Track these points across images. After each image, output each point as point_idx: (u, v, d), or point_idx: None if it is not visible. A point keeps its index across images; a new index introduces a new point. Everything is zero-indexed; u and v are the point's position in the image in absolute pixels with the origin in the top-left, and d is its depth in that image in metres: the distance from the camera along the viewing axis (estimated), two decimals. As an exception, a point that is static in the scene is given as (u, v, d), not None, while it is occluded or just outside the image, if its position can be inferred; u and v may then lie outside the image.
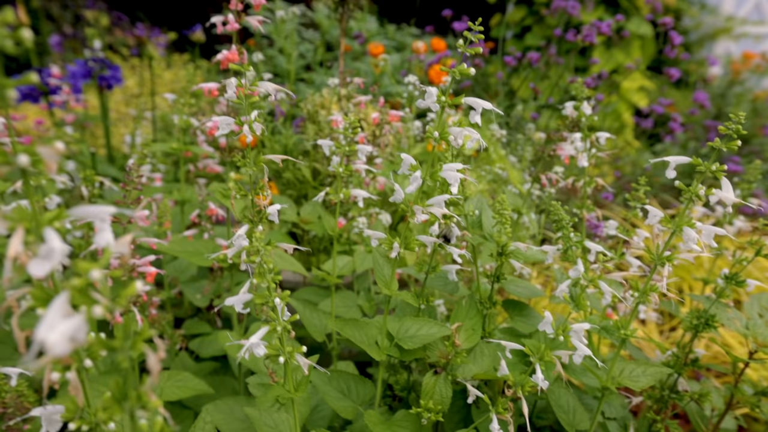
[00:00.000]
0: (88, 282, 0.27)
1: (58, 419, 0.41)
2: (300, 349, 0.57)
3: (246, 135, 0.60)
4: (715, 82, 3.91)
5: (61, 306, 0.26)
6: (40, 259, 0.29)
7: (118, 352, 0.30)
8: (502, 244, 0.79)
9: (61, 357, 0.26)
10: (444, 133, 0.61)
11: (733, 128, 0.59)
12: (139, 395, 0.30)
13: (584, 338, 0.62)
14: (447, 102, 0.61)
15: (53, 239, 0.30)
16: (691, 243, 0.61)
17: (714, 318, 0.76)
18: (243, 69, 0.59)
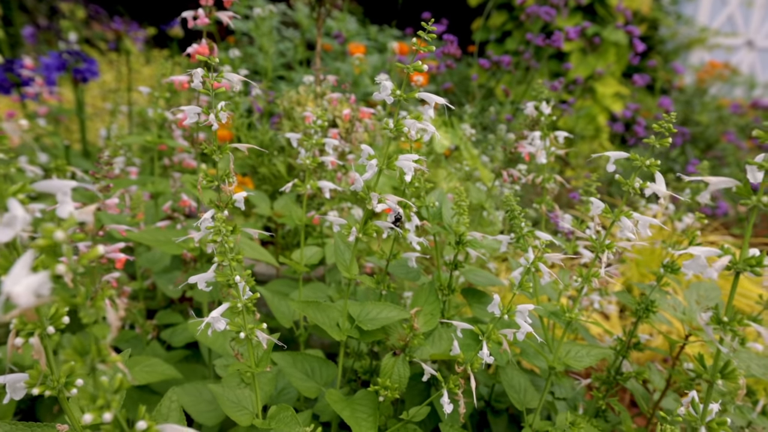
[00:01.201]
0: (53, 242, 0.30)
1: (22, 386, 0.44)
2: (260, 325, 0.60)
3: (212, 123, 0.63)
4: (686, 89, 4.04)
5: (26, 262, 0.29)
6: (2, 226, 0.32)
7: (80, 308, 0.33)
8: (460, 234, 0.84)
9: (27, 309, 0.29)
10: (399, 124, 0.66)
11: (666, 126, 0.64)
12: (99, 349, 0.33)
13: (528, 318, 0.66)
14: (402, 96, 0.65)
15: (16, 208, 0.33)
16: (627, 231, 0.66)
17: (654, 304, 0.82)
18: (210, 61, 0.63)
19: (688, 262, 0.50)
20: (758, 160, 0.47)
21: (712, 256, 0.50)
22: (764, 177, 0.48)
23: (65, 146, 1.67)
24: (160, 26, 2.33)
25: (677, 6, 5.02)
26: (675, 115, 0.64)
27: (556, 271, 1.07)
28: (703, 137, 3.23)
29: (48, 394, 0.42)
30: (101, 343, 0.33)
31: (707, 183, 0.51)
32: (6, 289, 0.28)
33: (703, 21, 5.45)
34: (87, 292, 0.33)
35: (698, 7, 5.50)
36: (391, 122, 0.66)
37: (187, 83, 0.94)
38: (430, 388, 0.93)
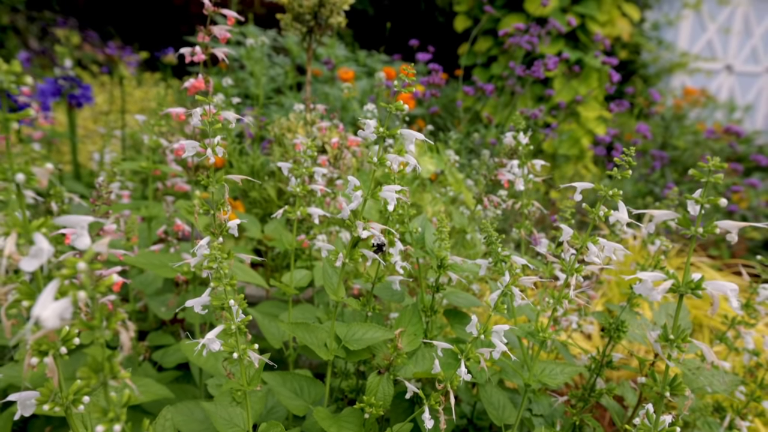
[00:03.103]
0: (75, 271, 0.35)
1: (33, 403, 0.47)
2: (252, 346, 0.64)
3: (209, 157, 0.68)
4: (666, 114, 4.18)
5: (52, 290, 0.34)
6: (30, 257, 0.37)
7: (96, 330, 0.37)
8: (441, 258, 0.89)
9: (50, 331, 0.34)
10: (381, 159, 0.71)
11: (626, 160, 0.70)
12: (111, 366, 0.37)
13: (503, 338, 0.71)
14: (384, 133, 0.70)
15: (42, 241, 0.37)
16: (593, 256, 0.72)
17: (624, 324, 0.87)
18: (208, 101, 0.68)
19: (637, 285, 0.55)
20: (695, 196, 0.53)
21: (658, 279, 0.55)
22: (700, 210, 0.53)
23: (58, 170, 1.70)
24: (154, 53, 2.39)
25: (658, 31, 5.20)
26: (651, 143, 0.70)
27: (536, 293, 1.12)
28: (681, 161, 3.34)
29: (57, 411, 0.46)
30: (113, 361, 0.38)
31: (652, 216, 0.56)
32: (35, 314, 0.33)
33: (683, 46, 5.65)
34: (101, 316, 0.37)
35: (678, 33, 5.71)
36: (375, 157, 0.71)
37: (184, 116, 0.99)
38: (413, 406, 0.97)
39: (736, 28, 6.02)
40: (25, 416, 0.47)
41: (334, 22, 1.82)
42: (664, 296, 0.90)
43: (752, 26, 6.13)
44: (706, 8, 5.73)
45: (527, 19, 4.05)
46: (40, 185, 0.37)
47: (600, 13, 4.15)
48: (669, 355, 0.58)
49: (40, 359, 0.43)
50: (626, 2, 4.45)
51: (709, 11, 5.83)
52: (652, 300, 0.53)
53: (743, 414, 0.87)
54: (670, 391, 0.59)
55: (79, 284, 0.35)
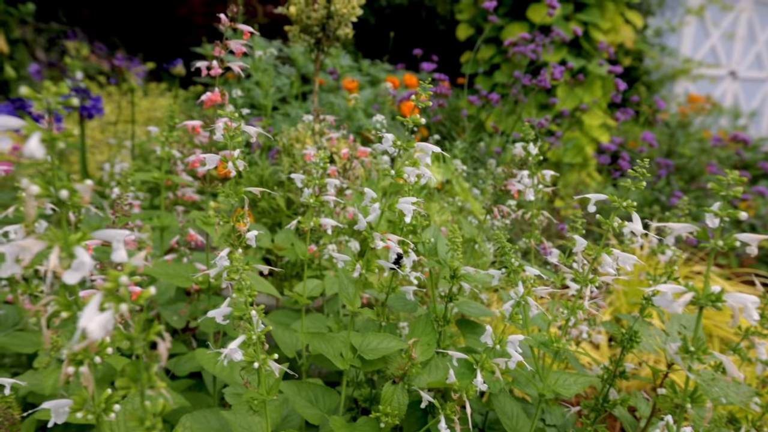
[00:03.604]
0: (118, 285, 0.36)
1: (66, 411, 0.48)
2: (272, 356, 0.65)
3: (231, 170, 0.70)
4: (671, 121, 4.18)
5: (97, 302, 0.35)
6: (72, 270, 0.38)
7: (134, 341, 0.38)
8: (454, 268, 0.90)
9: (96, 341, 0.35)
10: (399, 171, 0.72)
11: (640, 171, 0.71)
12: (149, 376, 0.39)
13: (518, 348, 0.72)
14: (402, 146, 0.72)
15: (83, 255, 0.38)
16: (608, 267, 0.73)
17: (637, 334, 0.88)
18: (230, 115, 0.69)
19: (657, 297, 0.56)
20: (714, 209, 0.54)
21: (678, 292, 0.56)
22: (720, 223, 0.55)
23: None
24: (164, 65, 2.42)
25: (661, 38, 5.21)
26: (656, 151, 0.71)
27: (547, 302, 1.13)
28: (687, 169, 3.34)
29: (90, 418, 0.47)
30: (151, 371, 0.39)
31: (672, 229, 0.58)
32: (82, 325, 0.34)
33: (686, 52, 5.65)
34: (140, 327, 0.39)
35: (681, 39, 5.72)
36: (393, 170, 0.73)
37: (200, 128, 1.01)
38: (426, 416, 0.98)
39: (740, 34, 6.03)
40: (58, 423, 0.48)
41: (341, 34, 1.85)
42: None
43: (756, 32, 6.14)
44: (709, 14, 5.75)
45: (530, 28, 4.08)
46: (82, 201, 0.38)
47: (603, 21, 4.17)
48: (689, 367, 0.58)
49: (76, 368, 0.44)
50: (629, 9, 4.48)
51: (713, 17, 5.83)
52: (671, 312, 0.54)
53: (759, 426, 0.87)
54: (691, 403, 0.60)
55: (119, 296, 0.36)
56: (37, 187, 0.38)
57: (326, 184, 1.00)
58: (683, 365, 0.59)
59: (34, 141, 0.36)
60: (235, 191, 0.72)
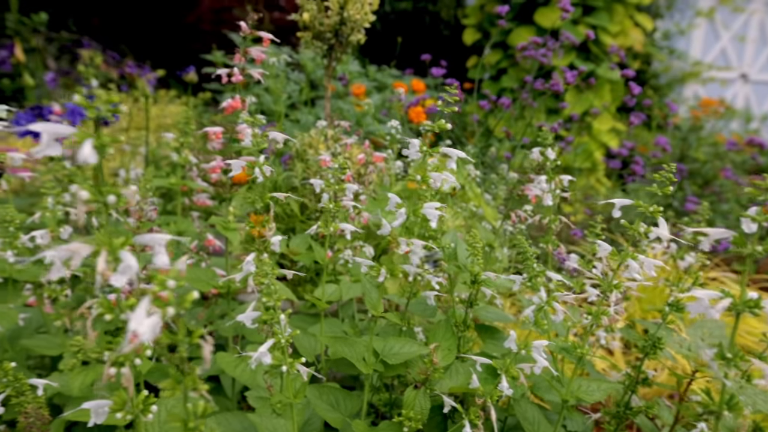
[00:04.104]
0: (165, 288, 0.36)
1: (105, 411, 0.49)
2: (300, 359, 0.66)
3: (258, 176, 0.70)
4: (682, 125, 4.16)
5: (145, 306, 0.36)
6: (119, 274, 0.39)
7: (179, 343, 0.39)
8: (475, 273, 0.90)
9: (139, 344, 0.35)
10: (425, 177, 0.73)
11: (666, 176, 0.71)
12: (193, 379, 0.39)
13: (543, 353, 0.72)
14: (428, 151, 0.72)
15: (130, 259, 0.39)
16: (634, 273, 0.73)
17: (660, 341, 0.87)
18: (256, 122, 0.70)
19: (693, 303, 0.56)
20: (751, 213, 0.54)
21: (714, 298, 0.56)
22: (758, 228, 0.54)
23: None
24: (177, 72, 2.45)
25: (670, 41, 5.19)
26: (668, 155, 0.72)
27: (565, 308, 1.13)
28: (701, 173, 3.32)
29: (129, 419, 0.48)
30: (194, 374, 0.39)
31: (707, 234, 0.58)
32: (132, 328, 0.34)
33: (696, 55, 5.61)
34: (184, 330, 0.39)
35: (691, 42, 5.67)
36: (418, 176, 0.73)
37: (220, 134, 1.02)
38: (446, 420, 0.98)
39: (751, 36, 5.98)
40: (97, 423, 0.49)
41: (354, 40, 1.86)
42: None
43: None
44: (719, 16, 5.71)
45: (537, 32, 4.08)
46: (128, 205, 0.39)
47: (612, 24, 4.16)
48: (726, 374, 0.58)
49: (118, 370, 0.45)
50: (638, 12, 4.47)
51: (723, 19, 5.79)
52: (709, 317, 0.54)
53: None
54: (728, 410, 0.59)
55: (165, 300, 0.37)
56: (86, 192, 0.39)
57: (345, 189, 1.01)
58: (718, 372, 0.59)
59: (88, 147, 0.37)
60: (261, 197, 0.73)
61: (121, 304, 0.43)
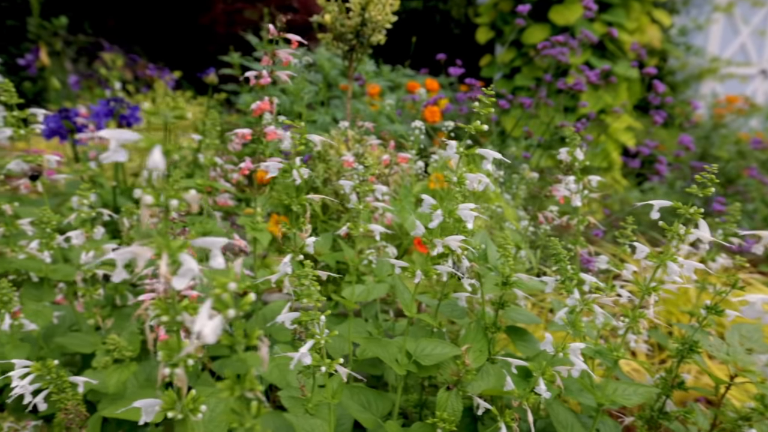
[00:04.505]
0: (226, 291, 0.37)
1: (156, 409, 0.50)
2: (338, 360, 0.66)
3: (296, 179, 0.71)
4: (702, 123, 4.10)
5: (208, 308, 0.36)
6: (179, 277, 0.39)
7: (237, 345, 0.39)
8: (506, 275, 0.90)
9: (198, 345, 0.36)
10: (461, 178, 0.73)
11: (708, 177, 0.70)
12: (250, 379, 0.40)
13: (580, 356, 0.71)
14: (464, 152, 0.72)
15: (190, 262, 0.39)
16: (674, 276, 0.72)
17: (697, 344, 0.86)
18: (296, 124, 0.70)
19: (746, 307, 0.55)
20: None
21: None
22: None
23: (112, 187, 1.76)
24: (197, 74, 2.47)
25: (686, 37, 5.11)
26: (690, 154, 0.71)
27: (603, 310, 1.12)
28: (723, 172, 3.27)
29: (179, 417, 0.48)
30: (251, 375, 0.40)
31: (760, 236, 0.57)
32: (197, 329, 0.35)
33: (713, 51, 5.50)
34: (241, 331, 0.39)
35: (708, 38, 5.57)
36: (454, 177, 0.73)
37: (249, 136, 1.03)
38: (476, 422, 0.98)
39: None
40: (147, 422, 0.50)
41: (374, 41, 1.86)
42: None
43: (790, 28, 5.95)
44: (738, 11, 5.60)
45: (552, 29, 4.05)
46: (190, 210, 0.39)
47: (629, 21, 4.11)
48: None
49: (171, 370, 0.45)
50: (656, 8, 4.41)
51: (742, 14, 5.68)
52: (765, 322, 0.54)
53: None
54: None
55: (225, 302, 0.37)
56: (150, 197, 0.40)
57: (373, 190, 1.01)
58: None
59: (158, 153, 0.38)
60: (298, 199, 0.73)
61: (175, 305, 0.44)
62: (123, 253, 0.41)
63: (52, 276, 1.05)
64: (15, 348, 0.99)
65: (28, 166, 1.07)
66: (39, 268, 1.05)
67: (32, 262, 1.06)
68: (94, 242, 1.05)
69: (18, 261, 1.07)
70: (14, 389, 0.75)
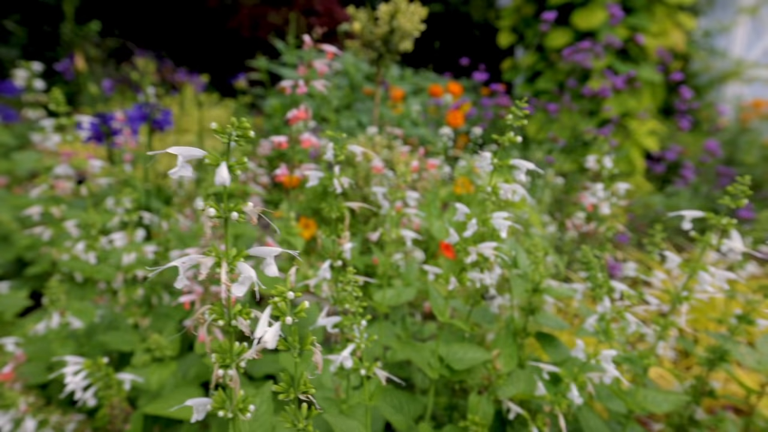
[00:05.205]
0: (284, 299, 0.39)
1: (207, 408, 0.53)
2: (376, 363, 0.68)
3: (336, 188, 0.74)
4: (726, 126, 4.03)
5: (267, 315, 0.39)
6: (239, 284, 0.42)
7: (292, 350, 0.42)
8: (536, 282, 0.91)
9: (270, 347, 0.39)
10: (495, 189, 0.75)
11: (741, 189, 0.71)
12: (304, 382, 0.42)
13: (611, 363, 0.73)
14: (498, 163, 0.74)
15: (249, 270, 0.42)
16: (706, 285, 0.73)
17: (728, 353, 0.86)
18: (336, 136, 0.73)
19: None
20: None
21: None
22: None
23: (146, 190, 1.82)
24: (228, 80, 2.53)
25: (710, 39, 5.03)
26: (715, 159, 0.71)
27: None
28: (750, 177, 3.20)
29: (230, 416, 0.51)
30: (305, 377, 0.42)
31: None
32: (258, 335, 0.38)
33: (738, 53, 5.40)
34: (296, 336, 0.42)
35: (732, 40, 5.47)
36: (489, 187, 0.75)
37: (286, 143, 1.06)
38: (504, 426, 0.99)
39: (798, 33, 5.72)
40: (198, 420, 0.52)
41: (402, 48, 1.89)
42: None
43: (817, 30, 5.81)
44: (765, 12, 5.49)
45: (574, 34, 4.02)
46: (251, 222, 0.42)
47: (653, 24, 4.07)
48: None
49: (225, 371, 0.48)
50: (680, 11, 4.35)
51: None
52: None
53: None
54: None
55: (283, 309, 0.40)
56: (213, 209, 0.43)
57: (407, 197, 1.03)
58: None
59: (224, 170, 0.41)
60: (337, 205, 0.76)
61: (230, 311, 0.47)
62: (187, 260, 0.44)
63: (95, 276, 1.09)
64: (62, 345, 1.04)
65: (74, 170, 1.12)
66: (84, 268, 1.09)
67: (78, 262, 1.11)
68: (135, 244, 1.10)
69: (65, 261, 1.12)
70: (67, 385, 0.79)
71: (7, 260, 1.59)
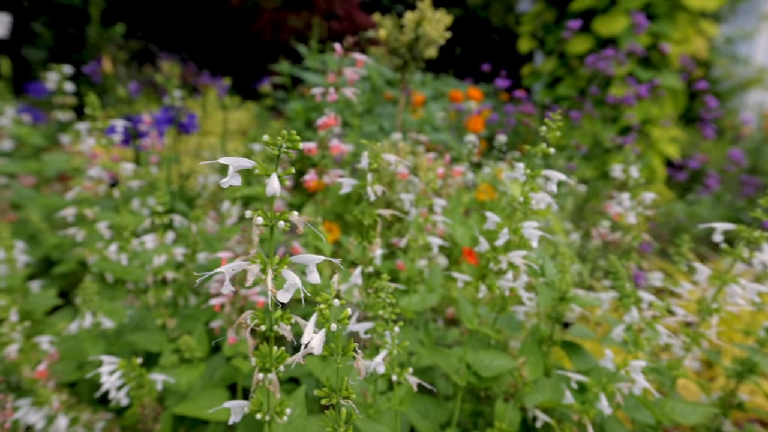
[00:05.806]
0: (330, 306, 0.41)
1: (244, 410, 0.54)
2: (407, 369, 0.69)
3: (369, 196, 0.75)
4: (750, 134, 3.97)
5: (313, 322, 0.40)
6: (284, 291, 0.43)
7: (335, 356, 0.43)
8: (564, 291, 0.91)
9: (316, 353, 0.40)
10: (527, 199, 0.75)
11: None
12: (346, 387, 0.43)
13: (641, 374, 0.72)
14: (531, 174, 0.74)
15: (294, 277, 0.43)
16: (736, 297, 0.72)
17: (757, 365, 0.86)
18: (371, 143, 0.74)
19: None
20: None
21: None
22: None
23: (171, 192, 1.85)
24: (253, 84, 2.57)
25: (732, 46, 4.96)
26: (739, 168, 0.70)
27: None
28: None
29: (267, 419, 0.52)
30: (347, 383, 0.43)
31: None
32: (305, 341, 0.39)
33: (761, 60, 5.33)
34: (339, 344, 0.43)
35: (755, 47, 5.39)
36: (521, 197, 0.76)
37: (316, 149, 1.07)
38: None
39: (823, 38, 5.60)
40: (236, 421, 0.54)
41: (427, 55, 1.90)
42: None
43: (842, 38, 5.69)
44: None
45: (595, 40, 4.00)
46: (297, 232, 0.44)
47: (675, 31, 4.02)
48: None
49: (265, 375, 0.50)
50: (702, 18, 4.30)
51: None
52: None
53: None
54: None
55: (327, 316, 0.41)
56: (261, 218, 0.44)
57: (432, 204, 1.04)
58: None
59: (275, 180, 0.42)
60: (368, 212, 0.77)
61: (271, 315, 0.48)
62: (233, 267, 0.45)
63: (126, 277, 1.12)
64: (93, 344, 1.07)
65: (107, 173, 1.15)
66: (115, 269, 1.12)
67: (109, 263, 1.14)
68: (165, 246, 1.12)
69: (96, 262, 1.15)
70: (103, 384, 0.82)
71: (36, 259, 1.63)
